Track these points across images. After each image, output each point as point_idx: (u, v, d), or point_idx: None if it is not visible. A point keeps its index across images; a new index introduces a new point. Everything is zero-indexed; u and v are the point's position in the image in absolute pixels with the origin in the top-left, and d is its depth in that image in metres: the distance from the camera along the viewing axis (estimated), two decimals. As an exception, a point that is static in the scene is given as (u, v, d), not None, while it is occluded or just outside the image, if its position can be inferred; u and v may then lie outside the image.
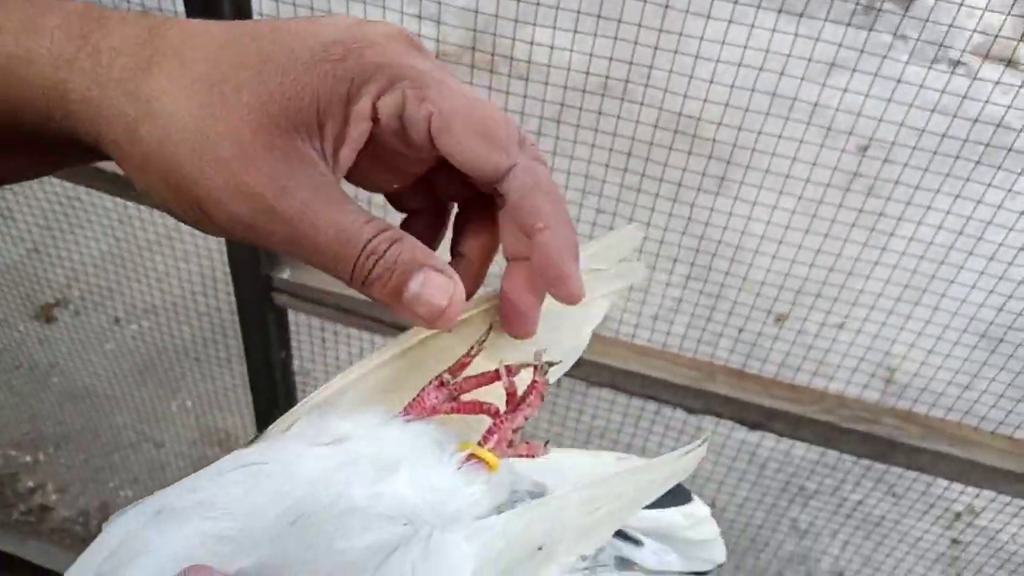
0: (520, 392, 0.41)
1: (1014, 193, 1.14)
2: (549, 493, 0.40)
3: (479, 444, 0.39)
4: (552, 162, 1.21)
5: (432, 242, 0.43)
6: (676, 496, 0.48)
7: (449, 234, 0.44)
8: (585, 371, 1.17)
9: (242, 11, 0.94)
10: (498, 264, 0.42)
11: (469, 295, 0.41)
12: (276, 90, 0.36)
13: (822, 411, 1.13)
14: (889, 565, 1.58)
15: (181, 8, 0.94)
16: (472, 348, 0.41)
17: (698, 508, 0.48)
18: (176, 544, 0.34)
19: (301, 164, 0.36)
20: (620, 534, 0.45)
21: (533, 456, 0.41)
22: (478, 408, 0.41)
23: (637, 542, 0.46)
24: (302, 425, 0.40)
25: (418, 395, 0.41)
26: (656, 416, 1.50)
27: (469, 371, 0.42)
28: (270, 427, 0.40)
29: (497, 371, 0.41)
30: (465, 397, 0.41)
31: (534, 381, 0.41)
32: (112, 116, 0.36)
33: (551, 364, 0.41)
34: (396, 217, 0.44)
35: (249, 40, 0.36)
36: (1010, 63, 1.25)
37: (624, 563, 0.45)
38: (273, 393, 1.27)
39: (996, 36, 1.09)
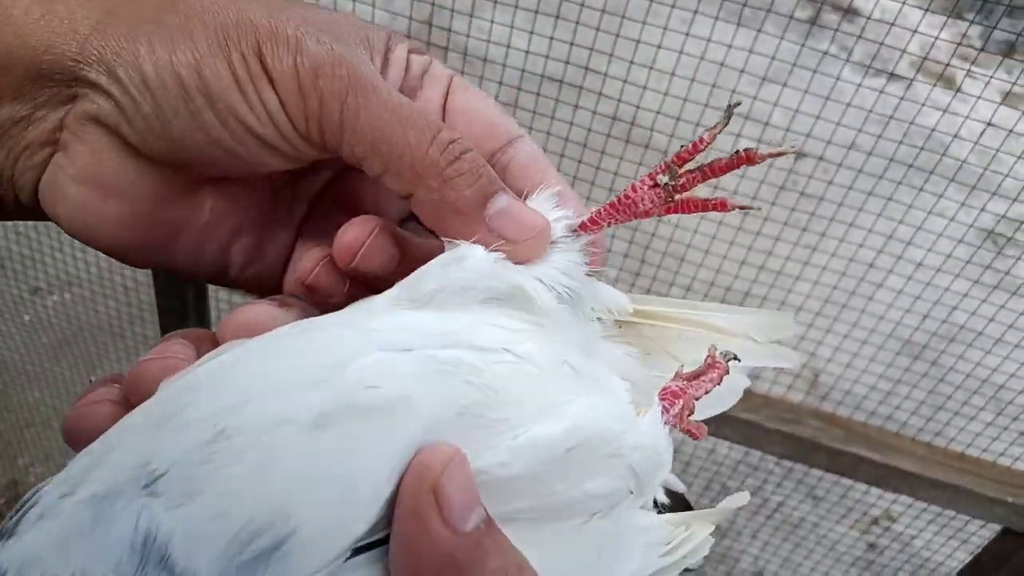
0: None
1: (934, 214, 1.16)
2: None
3: (662, 404, 0.37)
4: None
5: None
6: (684, 506, 0.49)
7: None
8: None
9: None
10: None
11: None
12: (326, 16, 0.36)
13: (746, 409, 1.13)
14: (807, 566, 1.59)
15: None
16: (702, 139, 0.36)
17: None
18: (437, 405, 0.29)
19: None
20: None
21: (698, 438, 0.38)
22: (700, 206, 0.37)
23: None
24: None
25: (626, 193, 0.37)
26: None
27: None
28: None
29: (739, 155, 0.36)
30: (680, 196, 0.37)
31: (716, 362, 0.38)
32: None
33: (735, 357, 0.39)
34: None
35: None
36: (941, 78, 1.26)
37: None
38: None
39: (926, 56, 1.10)
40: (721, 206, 0.36)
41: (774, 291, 1.27)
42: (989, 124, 1.09)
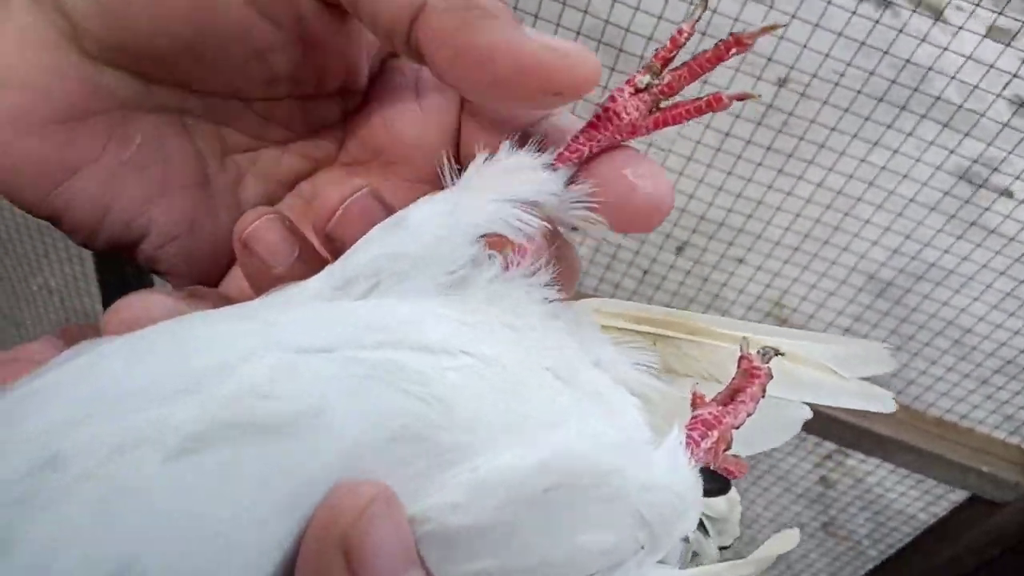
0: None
1: (935, 146, 1.11)
2: None
3: (690, 437, 0.29)
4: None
5: None
6: (722, 485, 0.42)
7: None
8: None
9: None
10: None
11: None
12: None
13: None
14: (763, 500, 1.60)
15: None
16: (681, 31, 0.30)
17: (734, 493, 0.45)
18: (360, 425, 0.22)
19: None
20: (700, 527, 0.40)
21: (736, 476, 0.31)
22: (693, 109, 0.30)
23: (708, 534, 0.42)
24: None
25: (604, 105, 0.29)
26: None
27: None
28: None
29: (727, 41, 0.29)
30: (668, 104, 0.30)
31: (754, 368, 0.31)
32: None
33: (776, 352, 0.31)
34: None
35: None
36: (940, 14, 1.20)
37: (695, 557, 0.40)
38: (123, 281, 1.16)
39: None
40: (716, 102, 0.30)
41: (752, 222, 1.23)
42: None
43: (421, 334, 0.24)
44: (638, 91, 0.30)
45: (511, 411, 0.25)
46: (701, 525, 0.43)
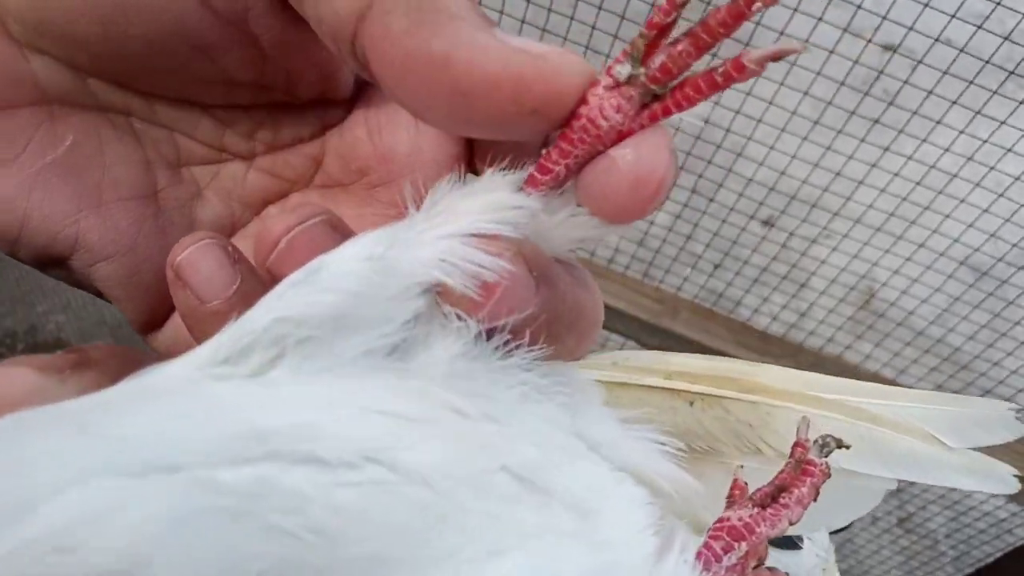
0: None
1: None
2: None
3: (709, 549, 0.23)
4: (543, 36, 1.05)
5: None
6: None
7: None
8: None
9: None
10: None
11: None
12: None
13: (795, 366, 1.02)
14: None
15: None
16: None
17: (819, 543, 0.40)
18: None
19: None
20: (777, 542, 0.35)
21: None
22: (707, 89, 0.22)
23: (796, 547, 0.36)
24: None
25: (576, 112, 0.22)
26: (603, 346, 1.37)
27: None
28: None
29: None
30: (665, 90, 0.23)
31: (808, 461, 0.25)
32: None
33: (840, 444, 0.25)
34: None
35: None
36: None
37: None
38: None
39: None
40: (737, 70, 0.21)
41: (850, 204, 1.14)
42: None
43: (313, 437, 0.18)
44: (619, 84, 0.22)
45: (433, 539, 0.18)
46: (787, 544, 0.38)
